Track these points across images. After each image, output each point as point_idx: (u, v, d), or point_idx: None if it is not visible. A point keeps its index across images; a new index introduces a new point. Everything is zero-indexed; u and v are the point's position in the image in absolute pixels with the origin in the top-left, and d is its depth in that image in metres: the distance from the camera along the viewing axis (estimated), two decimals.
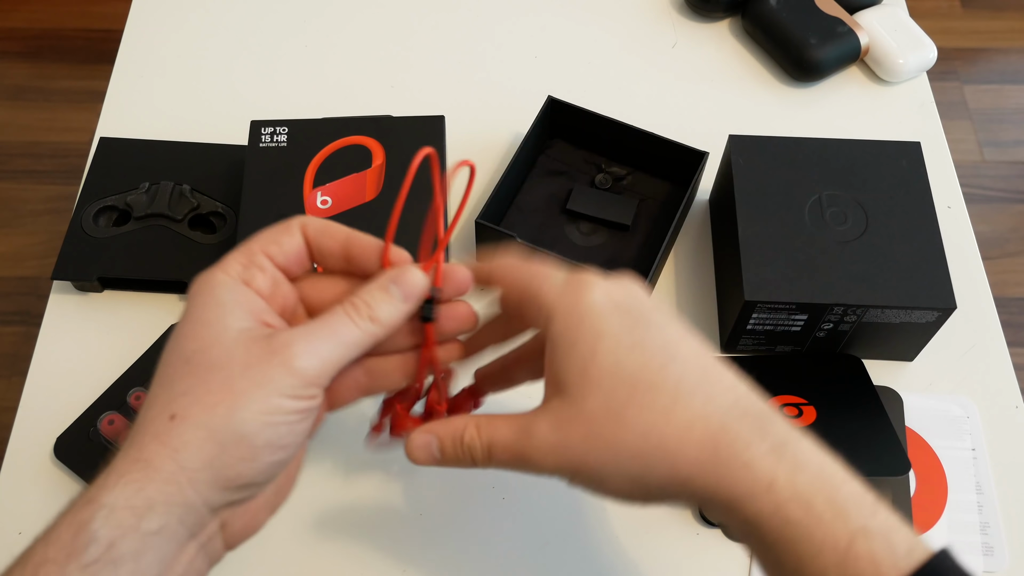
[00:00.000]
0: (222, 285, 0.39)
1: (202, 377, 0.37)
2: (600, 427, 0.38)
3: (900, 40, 0.79)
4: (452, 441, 0.42)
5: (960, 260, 0.69)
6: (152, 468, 0.36)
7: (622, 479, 0.38)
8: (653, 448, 0.37)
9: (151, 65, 0.80)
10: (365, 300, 0.41)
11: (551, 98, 0.70)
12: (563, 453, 0.39)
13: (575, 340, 0.39)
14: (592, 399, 0.38)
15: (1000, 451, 0.62)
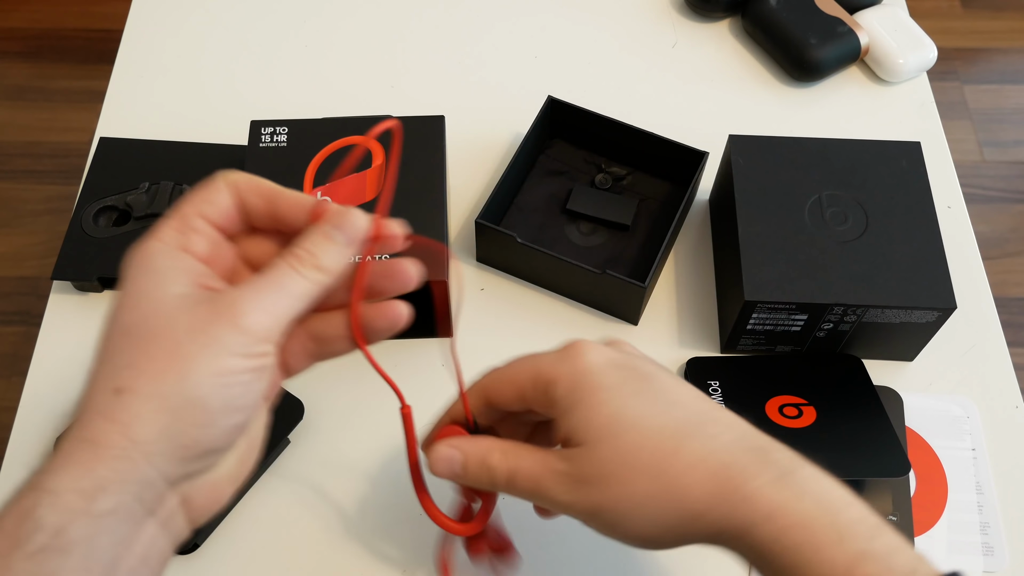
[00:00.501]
0: (158, 253, 0.38)
1: (145, 347, 0.36)
2: (612, 471, 0.39)
3: (900, 40, 0.79)
4: (477, 460, 0.43)
5: (960, 260, 0.69)
6: (100, 446, 0.34)
7: (639, 521, 0.40)
8: (664, 489, 0.39)
9: (151, 65, 0.80)
10: (308, 249, 0.39)
11: (551, 98, 0.70)
12: (582, 493, 0.40)
13: (579, 398, 0.41)
14: (602, 447, 0.40)
15: (1000, 451, 0.62)
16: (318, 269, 0.39)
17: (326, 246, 0.39)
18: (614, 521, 0.40)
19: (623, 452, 0.40)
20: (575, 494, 0.40)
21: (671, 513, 0.39)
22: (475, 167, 0.74)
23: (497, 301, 0.68)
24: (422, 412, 0.62)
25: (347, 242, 0.40)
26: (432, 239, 0.40)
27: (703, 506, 0.39)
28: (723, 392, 0.62)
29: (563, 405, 0.41)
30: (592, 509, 0.40)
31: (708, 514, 0.39)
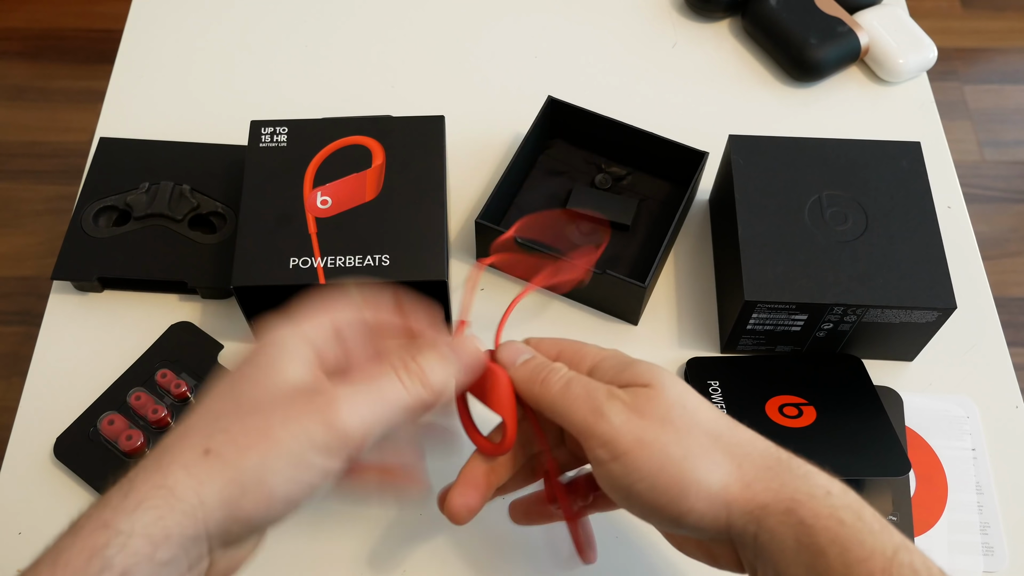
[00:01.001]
0: (292, 337, 0.40)
1: (243, 418, 0.37)
2: (678, 416, 0.41)
3: (900, 40, 0.79)
4: (541, 361, 0.44)
5: (960, 260, 0.69)
6: (175, 498, 0.35)
7: (684, 473, 0.39)
8: (723, 449, 0.40)
9: (151, 65, 0.80)
10: (419, 362, 0.40)
11: (551, 98, 0.70)
12: (637, 422, 0.40)
13: (636, 362, 0.43)
14: (670, 393, 0.41)
15: (1000, 451, 0.62)
16: (424, 385, 0.40)
17: (437, 363, 0.41)
18: (660, 465, 0.40)
19: (689, 405, 0.41)
20: (629, 420, 0.40)
21: (722, 473, 0.40)
22: (475, 167, 0.74)
23: (497, 301, 0.67)
24: None
25: (460, 368, 0.42)
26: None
27: (758, 473, 0.40)
28: (723, 392, 0.62)
29: (616, 367, 0.43)
30: (639, 440, 0.40)
31: (758, 483, 0.39)
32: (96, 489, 0.58)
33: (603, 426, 0.40)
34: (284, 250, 0.60)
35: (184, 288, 0.66)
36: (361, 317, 0.43)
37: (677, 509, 0.40)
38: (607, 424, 0.40)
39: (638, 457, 0.40)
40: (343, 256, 0.60)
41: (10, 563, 0.56)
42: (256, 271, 0.59)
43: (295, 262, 0.60)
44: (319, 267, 0.60)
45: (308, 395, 0.38)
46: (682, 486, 0.39)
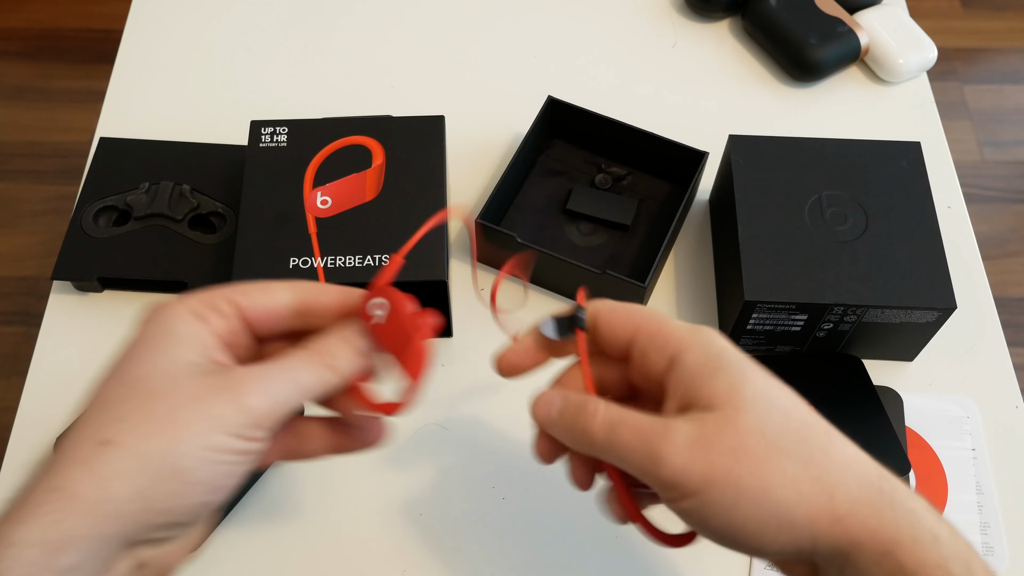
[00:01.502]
0: (177, 316, 0.38)
1: (143, 404, 0.35)
2: (754, 445, 0.36)
3: (900, 40, 0.79)
4: (576, 406, 0.40)
5: (960, 260, 0.69)
6: (73, 497, 0.33)
7: (762, 507, 0.36)
8: (812, 478, 0.36)
9: (151, 65, 0.80)
10: (327, 347, 0.39)
11: (551, 98, 0.70)
12: (703, 459, 0.36)
13: (720, 367, 0.38)
14: (746, 417, 0.36)
15: (1000, 451, 0.62)
16: (331, 369, 0.39)
17: (343, 349, 0.39)
18: (733, 501, 0.35)
19: (768, 432, 0.36)
20: (694, 459, 0.36)
21: (808, 507, 0.35)
22: (475, 167, 0.74)
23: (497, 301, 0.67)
24: (421, 412, 0.62)
25: (366, 352, 0.40)
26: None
27: (852, 507, 0.35)
28: None
29: (695, 371, 0.38)
30: (710, 479, 0.36)
31: (852, 517, 0.35)
32: None
33: (664, 471, 0.36)
34: (284, 250, 0.60)
35: (184, 288, 0.66)
36: (274, 307, 0.40)
37: (756, 543, 0.36)
38: (668, 469, 0.36)
39: (709, 496, 0.36)
40: (343, 256, 0.60)
41: None
42: (256, 271, 0.59)
43: (295, 262, 0.60)
44: (319, 267, 0.60)
45: (214, 376, 0.36)
46: (760, 522, 0.35)
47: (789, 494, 0.35)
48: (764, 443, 0.36)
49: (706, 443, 0.36)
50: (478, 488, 0.60)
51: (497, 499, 0.59)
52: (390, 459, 0.60)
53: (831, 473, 0.36)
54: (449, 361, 0.65)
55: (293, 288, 0.40)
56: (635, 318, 0.41)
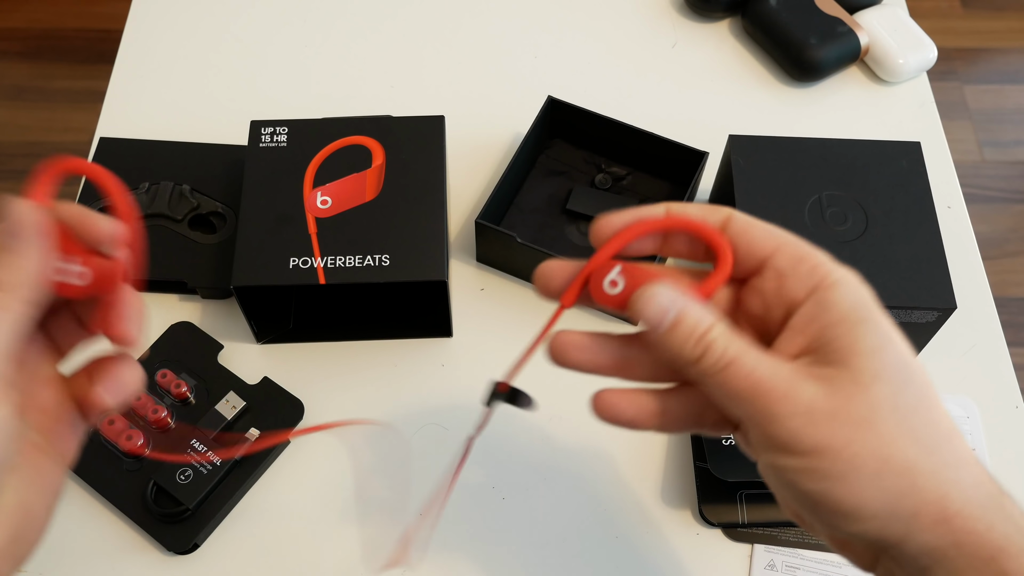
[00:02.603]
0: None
1: None
2: (883, 421, 0.32)
3: (900, 40, 0.79)
4: (694, 325, 0.34)
5: (960, 260, 0.69)
6: None
7: (869, 489, 0.32)
8: (931, 471, 0.32)
9: (151, 65, 0.80)
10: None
11: (551, 98, 0.70)
12: (824, 427, 0.32)
13: (866, 318, 0.34)
14: (882, 387, 0.33)
15: (1000, 451, 0.62)
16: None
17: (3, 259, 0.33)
18: (844, 474, 0.32)
19: (901, 408, 0.33)
20: (813, 424, 0.32)
21: (922, 497, 0.32)
22: (475, 167, 0.74)
23: (497, 301, 0.68)
24: (421, 412, 0.62)
25: (26, 239, 0.34)
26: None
27: (965, 507, 0.32)
28: None
29: (840, 314, 0.34)
30: (823, 446, 0.32)
31: (960, 518, 0.32)
32: (96, 489, 0.58)
33: (775, 430, 0.33)
34: (284, 250, 0.60)
35: (184, 288, 0.66)
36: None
37: (842, 519, 0.33)
38: (781, 429, 0.33)
39: (816, 462, 0.32)
40: (343, 256, 0.60)
41: None
42: (256, 271, 0.59)
43: (295, 262, 0.60)
44: (319, 267, 0.60)
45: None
46: (860, 501, 0.32)
47: (904, 483, 0.32)
48: (894, 421, 0.32)
49: (832, 412, 0.32)
50: (478, 488, 0.60)
51: (497, 499, 0.59)
52: (390, 459, 0.60)
53: (950, 468, 0.33)
54: (449, 361, 0.65)
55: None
56: (776, 237, 0.37)
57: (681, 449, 0.61)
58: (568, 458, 0.61)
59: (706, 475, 0.59)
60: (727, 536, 0.58)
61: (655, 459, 0.61)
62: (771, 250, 0.36)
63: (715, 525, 0.58)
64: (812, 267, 0.35)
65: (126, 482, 0.58)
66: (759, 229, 0.37)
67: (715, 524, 0.58)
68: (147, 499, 0.57)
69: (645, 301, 0.35)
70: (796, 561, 0.57)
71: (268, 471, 0.60)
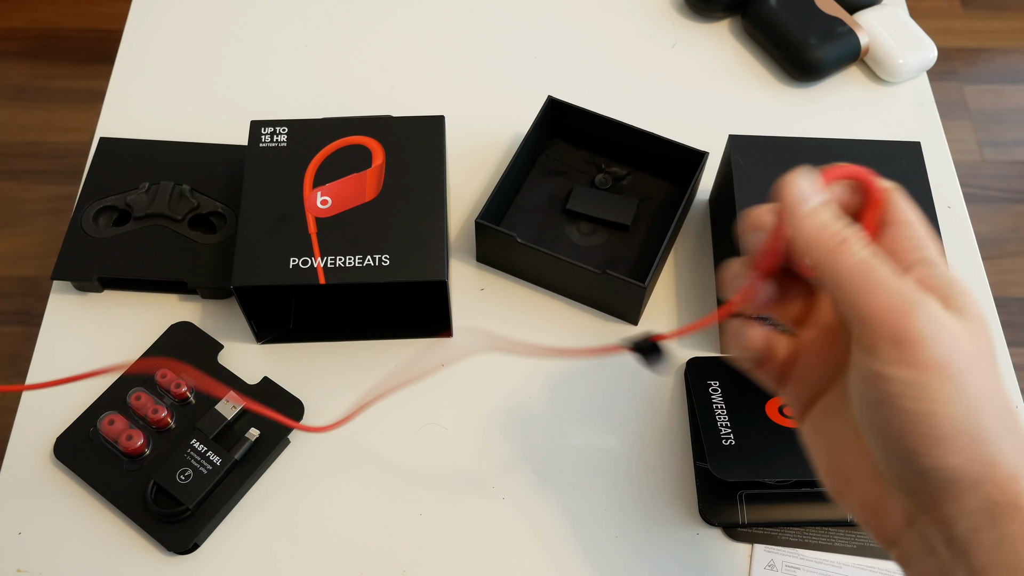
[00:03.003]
0: None
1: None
2: (985, 368, 0.35)
3: (900, 40, 0.79)
4: (835, 215, 0.36)
5: (960, 260, 0.69)
6: None
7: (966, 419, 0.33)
8: (1010, 429, 0.34)
9: (151, 65, 0.80)
10: None
11: (551, 98, 0.71)
12: (949, 342, 0.34)
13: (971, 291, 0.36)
14: (985, 343, 0.35)
15: None
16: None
17: None
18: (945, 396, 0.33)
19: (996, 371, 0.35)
20: (938, 339, 0.33)
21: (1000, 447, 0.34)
22: (475, 167, 0.74)
23: (497, 301, 0.68)
24: (421, 412, 0.62)
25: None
26: None
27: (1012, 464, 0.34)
28: (723, 392, 0.62)
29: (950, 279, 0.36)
30: (939, 363, 0.33)
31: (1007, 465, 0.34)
32: (96, 489, 0.58)
33: (908, 328, 0.33)
34: (284, 250, 0.60)
35: (184, 288, 0.66)
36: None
37: (934, 449, 0.34)
38: (911, 329, 0.33)
39: (927, 377, 0.33)
40: (343, 256, 0.60)
41: (10, 563, 0.57)
42: (256, 271, 0.59)
43: (295, 262, 0.60)
44: (319, 267, 0.60)
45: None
46: (954, 429, 0.33)
47: (995, 426, 0.34)
48: (992, 375, 0.35)
49: (955, 336, 0.34)
50: (478, 488, 0.60)
51: (497, 499, 0.59)
52: (390, 459, 0.60)
53: (1008, 425, 0.34)
54: (449, 361, 0.65)
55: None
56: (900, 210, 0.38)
57: (681, 449, 0.61)
58: (568, 458, 0.61)
59: (706, 475, 0.59)
60: (727, 536, 0.58)
61: (655, 459, 0.61)
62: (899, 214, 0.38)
63: (715, 525, 0.58)
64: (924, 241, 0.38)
65: (126, 482, 0.58)
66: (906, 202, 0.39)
67: (715, 524, 0.58)
68: (147, 499, 0.57)
69: (791, 183, 0.36)
70: (796, 561, 0.57)
71: (268, 471, 0.60)
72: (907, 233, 0.37)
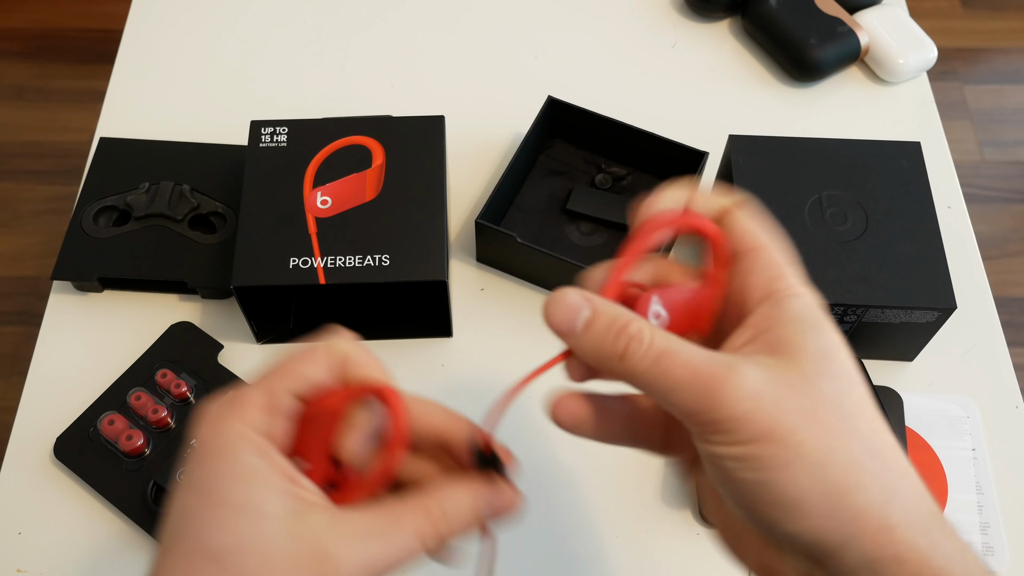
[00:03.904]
0: (245, 446, 0.32)
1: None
2: (828, 415, 0.31)
3: (900, 40, 0.79)
4: (610, 320, 0.33)
5: (960, 260, 0.69)
6: None
7: (813, 480, 0.31)
8: (874, 473, 0.31)
9: (151, 65, 0.80)
10: (449, 517, 0.34)
11: (551, 98, 0.70)
12: (768, 408, 0.31)
13: (819, 326, 0.33)
14: (828, 384, 0.32)
15: (1000, 451, 0.62)
16: (442, 538, 0.34)
17: (468, 521, 0.35)
18: (786, 464, 0.31)
19: (846, 407, 0.32)
20: (759, 409, 0.31)
21: (862, 499, 0.31)
22: (475, 167, 0.74)
23: (497, 301, 0.68)
24: None
25: (488, 520, 0.35)
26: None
27: (899, 518, 0.31)
28: None
29: (795, 316, 0.33)
30: (768, 432, 0.31)
31: (898, 531, 0.31)
32: (96, 489, 0.58)
33: (721, 414, 0.31)
34: (284, 250, 0.60)
35: (184, 288, 0.66)
36: (323, 378, 0.36)
37: (785, 516, 0.31)
38: (726, 412, 0.31)
39: (761, 449, 0.31)
40: (343, 256, 0.60)
41: (10, 563, 0.56)
42: (256, 271, 0.59)
43: (295, 262, 0.60)
44: (319, 267, 0.60)
45: (310, 557, 0.31)
46: (803, 492, 0.31)
47: (848, 479, 0.31)
48: (839, 417, 0.31)
49: (777, 396, 0.31)
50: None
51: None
52: None
53: (895, 475, 0.31)
54: (449, 361, 0.65)
55: (330, 357, 0.37)
56: (762, 238, 0.36)
57: None
58: (568, 458, 0.61)
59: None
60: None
61: (655, 459, 0.61)
62: (751, 247, 0.36)
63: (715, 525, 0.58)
64: (778, 275, 0.35)
65: (126, 482, 0.58)
66: (751, 224, 0.36)
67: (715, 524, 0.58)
68: (147, 499, 0.57)
69: (553, 308, 0.33)
70: None
71: None
72: (756, 264, 0.35)
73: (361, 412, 0.35)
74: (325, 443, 0.34)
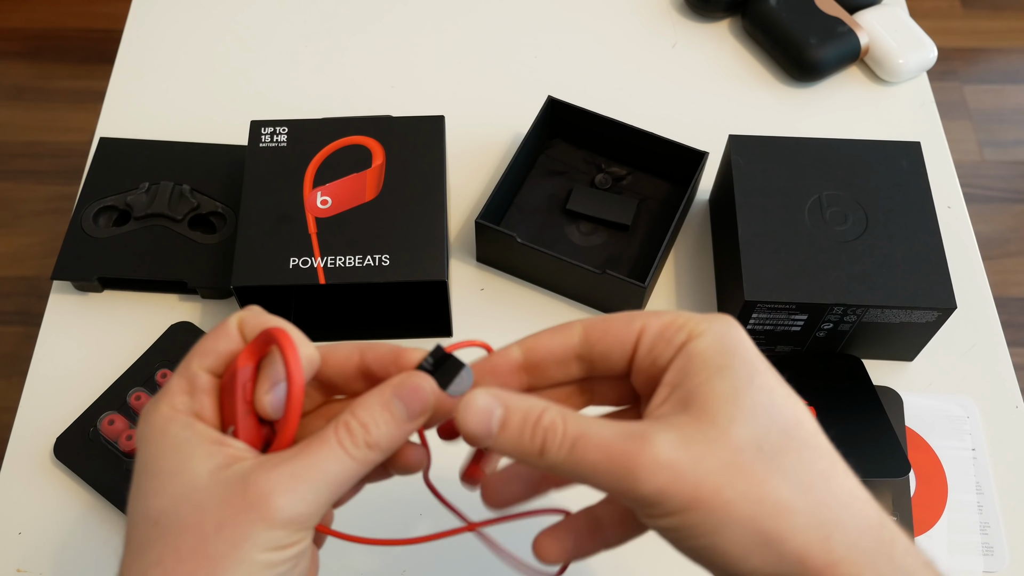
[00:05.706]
0: (173, 422, 0.34)
1: (173, 542, 0.32)
2: (748, 462, 0.31)
3: (900, 40, 0.79)
4: (523, 417, 0.33)
5: (960, 260, 0.69)
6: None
7: (750, 535, 0.31)
8: (809, 511, 0.31)
9: (151, 65, 0.80)
10: (362, 420, 0.34)
11: (551, 98, 0.70)
12: (687, 475, 0.31)
13: (727, 364, 0.33)
14: (742, 428, 0.32)
15: (1000, 451, 0.62)
16: (369, 446, 0.34)
17: (384, 418, 0.35)
18: (717, 524, 0.31)
19: (766, 448, 0.31)
20: (679, 476, 0.31)
21: (800, 541, 0.31)
22: (475, 167, 0.74)
23: (497, 301, 0.68)
24: None
25: (409, 416, 0.35)
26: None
27: (848, 553, 0.31)
28: None
29: (700, 362, 0.33)
30: (693, 499, 0.31)
31: (843, 565, 0.31)
32: (96, 489, 0.58)
33: (643, 490, 0.31)
34: (284, 250, 0.60)
35: (184, 288, 0.66)
36: (236, 346, 0.36)
37: (734, 570, 0.32)
38: (647, 487, 0.31)
39: (691, 517, 0.31)
40: (343, 256, 0.60)
41: (10, 563, 0.57)
42: (256, 271, 0.59)
43: (295, 262, 0.60)
44: (319, 267, 0.60)
45: (237, 492, 0.33)
46: (744, 549, 0.31)
47: (782, 524, 0.31)
48: (760, 461, 0.31)
49: (693, 458, 0.31)
50: (478, 488, 0.59)
51: None
52: None
53: (831, 508, 0.31)
54: None
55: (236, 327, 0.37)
56: (637, 319, 0.36)
57: None
58: None
59: None
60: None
61: None
62: (636, 333, 0.35)
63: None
64: (679, 328, 0.35)
65: (126, 482, 0.57)
66: (617, 321, 0.36)
67: None
68: None
69: (465, 413, 0.34)
70: None
71: None
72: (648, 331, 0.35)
73: (267, 365, 0.36)
74: (248, 404, 0.36)
